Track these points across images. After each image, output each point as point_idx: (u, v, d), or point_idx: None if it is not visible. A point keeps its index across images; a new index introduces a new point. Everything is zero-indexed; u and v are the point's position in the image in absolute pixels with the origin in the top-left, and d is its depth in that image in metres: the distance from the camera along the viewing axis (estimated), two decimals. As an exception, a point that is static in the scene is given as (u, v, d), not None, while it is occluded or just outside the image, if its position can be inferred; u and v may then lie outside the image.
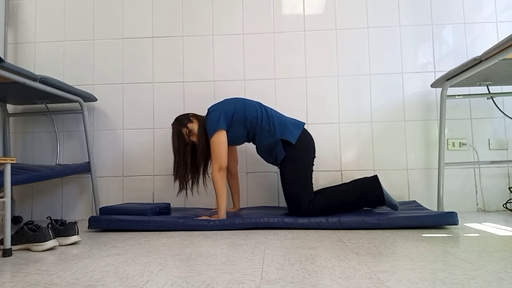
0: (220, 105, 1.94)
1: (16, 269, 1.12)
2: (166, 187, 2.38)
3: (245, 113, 1.91)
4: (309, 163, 1.92)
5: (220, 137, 1.86)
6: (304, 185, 1.87)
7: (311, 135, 1.98)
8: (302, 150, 1.90)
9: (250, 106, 1.93)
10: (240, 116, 1.90)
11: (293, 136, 1.88)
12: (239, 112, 1.90)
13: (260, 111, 1.93)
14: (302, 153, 1.90)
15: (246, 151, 2.36)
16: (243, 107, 1.92)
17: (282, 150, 1.88)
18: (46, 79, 1.88)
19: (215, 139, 1.86)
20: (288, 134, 1.88)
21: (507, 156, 2.30)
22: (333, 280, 0.94)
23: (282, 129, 1.89)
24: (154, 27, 2.47)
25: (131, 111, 2.44)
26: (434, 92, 2.35)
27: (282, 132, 1.89)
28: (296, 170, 1.88)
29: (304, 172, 1.89)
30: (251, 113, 1.91)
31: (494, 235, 1.49)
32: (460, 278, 0.93)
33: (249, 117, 1.90)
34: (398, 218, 1.68)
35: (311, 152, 1.94)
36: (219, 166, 1.85)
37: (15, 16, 2.52)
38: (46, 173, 1.94)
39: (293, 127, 1.92)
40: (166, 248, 1.37)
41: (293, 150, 1.88)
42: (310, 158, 1.93)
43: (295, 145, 1.88)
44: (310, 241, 1.45)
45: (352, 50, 2.40)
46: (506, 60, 1.66)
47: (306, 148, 1.92)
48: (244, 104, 1.93)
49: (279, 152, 1.89)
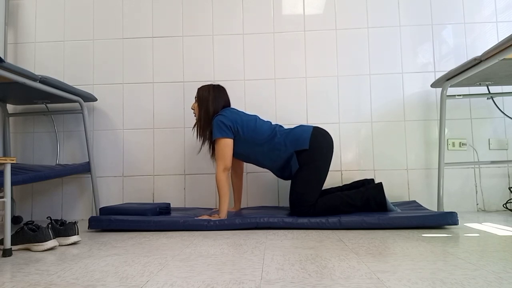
0: (234, 114, 1.92)
1: (16, 269, 1.12)
2: (166, 187, 2.38)
3: (254, 135, 1.89)
4: (324, 167, 1.88)
5: (226, 141, 1.86)
6: (313, 187, 1.85)
7: (324, 132, 1.92)
8: (316, 152, 1.86)
9: (261, 126, 1.92)
10: (247, 137, 1.89)
11: (304, 142, 1.85)
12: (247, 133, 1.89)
13: (270, 129, 1.92)
14: (316, 155, 1.86)
15: (246, 151, 2.36)
16: (254, 128, 1.90)
17: (296, 162, 1.86)
18: (46, 79, 1.88)
19: (221, 141, 1.86)
20: (300, 142, 1.86)
21: (507, 156, 2.30)
22: (333, 280, 0.94)
23: (292, 140, 1.87)
24: (154, 27, 2.47)
25: (131, 111, 2.44)
26: (434, 92, 2.35)
27: (293, 143, 1.87)
28: (310, 171, 1.85)
29: (317, 175, 1.86)
30: (262, 132, 1.90)
31: (494, 235, 1.49)
32: (460, 278, 0.93)
33: (258, 138, 1.89)
34: (398, 218, 1.68)
35: (328, 152, 1.89)
36: (223, 166, 1.85)
37: (15, 16, 2.52)
38: (46, 173, 1.94)
39: (301, 132, 1.89)
40: (166, 248, 1.37)
41: (309, 155, 1.85)
42: (324, 161, 1.88)
43: (309, 149, 1.85)
44: (310, 241, 1.45)
45: (352, 50, 2.40)
46: (506, 60, 1.66)
47: (318, 148, 1.87)
48: (255, 125, 1.91)
49: (293, 164, 1.87)
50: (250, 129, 1.89)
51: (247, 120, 1.92)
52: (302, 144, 1.86)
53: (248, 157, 1.97)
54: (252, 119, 1.93)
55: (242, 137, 1.89)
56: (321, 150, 1.88)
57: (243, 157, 1.99)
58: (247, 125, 1.90)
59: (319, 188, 1.87)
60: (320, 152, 1.88)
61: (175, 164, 2.39)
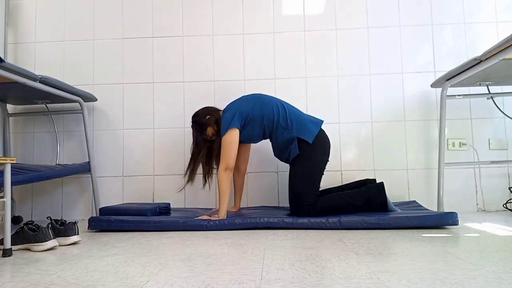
0: (236, 104, 1.93)
1: (16, 269, 1.12)
2: (166, 187, 2.38)
3: (261, 111, 1.90)
4: (321, 166, 1.90)
5: (232, 136, 1.86)
6: (311, 186, 1.86)
7: (328, 137, 1.96)
8: (318, 150, 1.88)
9: (267, 103, 1.92)
10: (256, 114, 1.90)
11: (310, 134, 1.87)
12: (255, 110, 1.90)
13: (277, 107, 1.92)
14: (316, 154, 1.88)
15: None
16: (260, 105, 1.91)
17: (296, 148, 1.86)
18: (46, 79, 1.88)
19: (227, 138, 1.86)
20: (305, 132, 1.87)
21: (507, 156, 2.30)
22: (333, 280, 0.94)
23: (299, 127, 1.88)
24: (154, 27, 2.47)
25: (131, 111, 2.44)
26: (434, 92, 2.35)
27: (299, 130, 1.87)
28: (306, 169, 1.87)
29: (314, 174, 1.88)
30: (268, 110, 1.90)
31: (494, 235, 1.49)
32: (460, 278, 0.93)
33: (266, 114, 1.90)
34: (398, 218, 1.68)
35: (325, 155, 1.92)
36: (226, 165, 1.85)
37: (15, 16, 2.52)
38: (46, 173, 1.94)
39: (311, 125, 1.90)
40: (166, 248, 1.37)
41: (308, 149, 1.86)
42: (323, 161, 1.91)
43: (311, 144, 1.86)
44: (310, 241, 1.45)
45: (352, 50, 2.39)
46: (506, 60, 1.66)
47: (322, 149, 1.90)
48: (261, 102, 1.92)
49: (293, 149, 1.88)
50: (256, 108, 1.91)
51: (252, 99, 1.95)
52: (307, 135, 1.86)
53: (261, 135, 1.97)
54: (257, 98, 1.95)
55: (251, 117, 1.90)
56: (322, 151, 1.90)
57: (258, 136, 1.97)
58: (252, 105, 1.92)
59: (316, 186, 1.88)
60: (321, 153, 1.89)
61: (175, 164, 2.39)
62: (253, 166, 2.35)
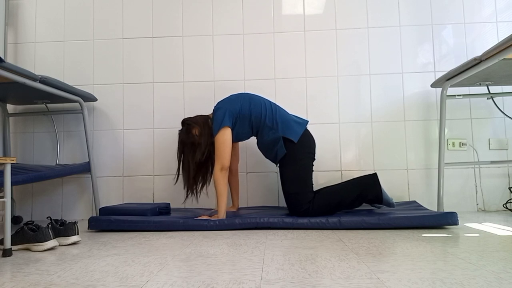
0: (225, 103, 1.93)
1: (16, 269, 1.12)
2: (166, 187, 2.38)
3: (250, 110, 1.91)
4: (309, 163, 1.92)
5: (224, 135, 1.86)
6: (304, 185, 1.87)
7: (312, 136, 1.98)
8: (303, 149, 1.90)
9: (255, 102, 1.93)
10: (245, 112, 1.91)
11: (295, 134, 1.88)
12: (244, 108, 1.91)
13: (264, 107, 1.93)
14: (302, 152, 1.90)
15: (246, 151, 2.36)
16: (249, 104, 1.92)
17: (283, 147, 1.88)
18: (46, 79, 1.88)
19: (219, 137, 1.86)
20: (291, 132, 1.88)
21: (507, 156, 2.30)
22: (333, 280, 0.94)
23: (284, 126, 1.89)
24: (154, 27, 2.47)
25: (131, 111, 2.44)
26: (434, 92, 2.35)
27: (284, 130, 1.89)
28: (295, 170, 1.88)
29: (304, 172, 1.89)
30: (256, 109, 1.91)
31: (494, 235, 1.49)
32: (460, 278, 0.93)
33: (253, 113, 1.91)
34: (398, 218, 1.68)
35: (311, 153, 1.94)
36: (221, 165, 1.85)
37: (15, 16, 2.52)
38: (46, 173, 1.94)
39: (296, 125, 1.92)
40: (166, 248, 1.37)
41: (294, 149, 1.88)
42: (310, 159, 1.93)
43: (296, 143, 1.88)
44: (310, 241, 1.45)
45: (352, 50, 2.40)
46: (506, 60, 1.66)
47: (307, 147, 1.92)
48: (249, 100, 1.93)
49: (279, 149, 1.89)
50: (245, 106, 1.91)
51: (240, 98, 1.95)
52: (292, 135, 1.88)
53: (250, 132, 1.97)
54: (245, 97, 1.95)
55: (240, 115, 1.91)
56: (308, 150, 1.91)
57: (247, 134, 1.98)
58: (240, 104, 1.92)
59: (309, 183, 1.89)
60: (307, 151, 1.91)
61: (175, 164, 2.38)
62: (253, 166, 2.36)
